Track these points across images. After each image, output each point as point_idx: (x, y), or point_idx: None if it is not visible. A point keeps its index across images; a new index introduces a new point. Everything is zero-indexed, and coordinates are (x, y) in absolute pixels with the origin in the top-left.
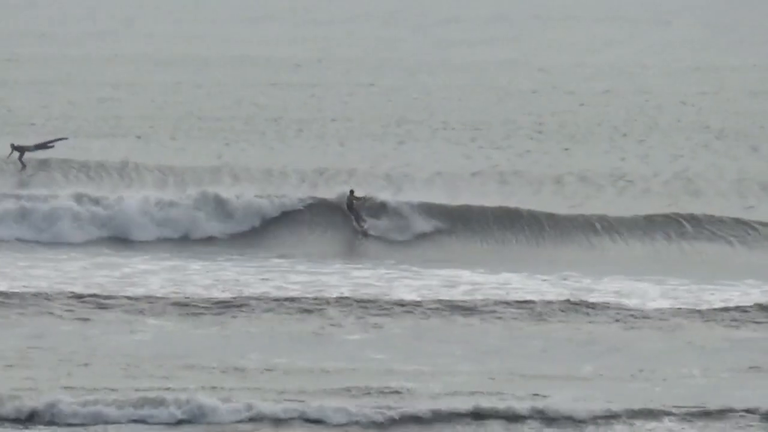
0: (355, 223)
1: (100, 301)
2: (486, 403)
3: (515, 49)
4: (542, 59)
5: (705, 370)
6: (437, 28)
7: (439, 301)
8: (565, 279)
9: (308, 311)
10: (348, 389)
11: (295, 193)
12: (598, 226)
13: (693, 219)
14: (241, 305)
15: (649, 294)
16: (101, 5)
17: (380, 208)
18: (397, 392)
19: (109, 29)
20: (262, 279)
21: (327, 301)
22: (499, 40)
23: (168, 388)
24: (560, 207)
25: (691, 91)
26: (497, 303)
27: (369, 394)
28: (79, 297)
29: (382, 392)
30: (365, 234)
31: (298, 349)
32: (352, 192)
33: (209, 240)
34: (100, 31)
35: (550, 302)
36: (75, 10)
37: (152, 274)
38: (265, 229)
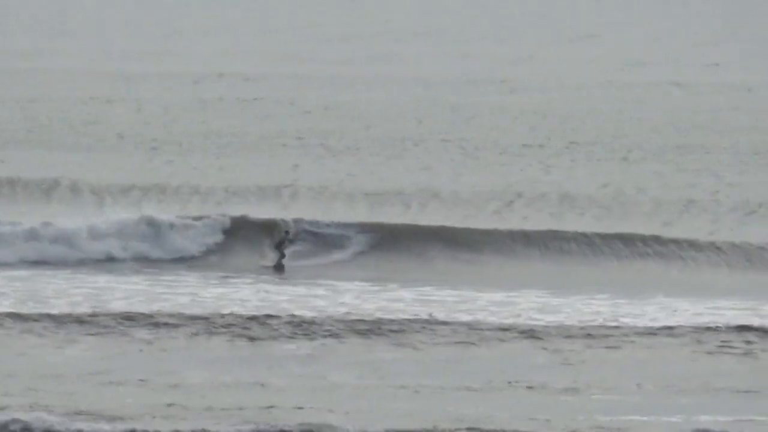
0: (277, 260)
1: (21, 319)
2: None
3: (441, 64)
4: (467, 74)
5: (606, 385)
6: (367, 41)
7: (356, 320)
8: (483, 292)
9: (215, 328)
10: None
11: (220, 210)
12: (519, 242)
13: (611, 235)
14: (159, 324)
15: (567, 310)
16: (38, 18)
17: (300, 225)
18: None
19: (44, 42)
20: (179, 293)
21: (236, 318)
22: (425, 54)
23: None
24: (481, 224)
25: (611, 108)
26: (419, 321)
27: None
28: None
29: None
30: (279, 268)
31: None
32: (287, 232)
33: (133, 260)
34: (34, 44)
35: (473, 319)
36: (8, 22)
37: (75, 290)
38: (190, 248)
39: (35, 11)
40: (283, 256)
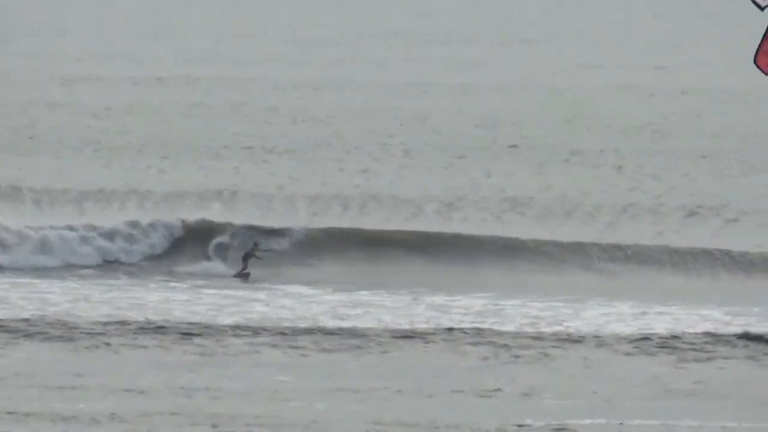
0: (241, 269)
1: None
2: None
3: (385, 67)
4: (410, 76)
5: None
6: (315, 44)
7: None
8: (420, 295)
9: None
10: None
11: (160, 213)
12: (460, 245)
13: (554, 238)
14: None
15: (510, 314)
16: None
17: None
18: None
19: None
20: (122, 298)
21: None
22: (370, 57)
23: None
24: (422, 226)
25: (554, 111)
26: (364, 324)
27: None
28: None
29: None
30: (244, 275)
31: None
32: (256, 244)
33: (76, 265)
34: None
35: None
36: None
37: (16, 295)
38: (135, 253)
39: None
40: (245, 266)
